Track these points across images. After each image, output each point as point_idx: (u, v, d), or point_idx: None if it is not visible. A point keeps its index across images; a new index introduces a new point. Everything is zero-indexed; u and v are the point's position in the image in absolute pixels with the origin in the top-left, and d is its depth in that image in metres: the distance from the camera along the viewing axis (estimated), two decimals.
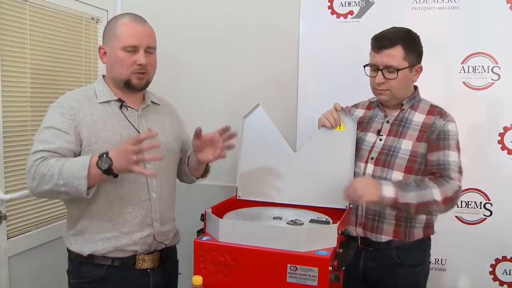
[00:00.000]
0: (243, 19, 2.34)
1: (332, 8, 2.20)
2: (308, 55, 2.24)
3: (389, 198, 1.43)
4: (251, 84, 2.35)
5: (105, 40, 1.48)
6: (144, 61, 1.43)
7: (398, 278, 1.60)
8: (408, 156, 1.55)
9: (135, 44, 1.42)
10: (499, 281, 2.09)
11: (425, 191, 1.45)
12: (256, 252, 1.24)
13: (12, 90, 1.79)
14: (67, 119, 1.37)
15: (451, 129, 1.54)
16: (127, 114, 1.47)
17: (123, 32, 1.42)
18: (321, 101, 1.82)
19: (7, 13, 1.75)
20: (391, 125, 1.62)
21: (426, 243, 1.66)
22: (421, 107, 1.61)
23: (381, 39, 1.54)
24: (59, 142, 1.34)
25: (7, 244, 1.78)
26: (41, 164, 1.29)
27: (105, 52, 1.46)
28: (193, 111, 2.44)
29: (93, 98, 1.45)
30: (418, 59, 1.57)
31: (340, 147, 1.58)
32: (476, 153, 2.06)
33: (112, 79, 1.48)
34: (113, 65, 1.45)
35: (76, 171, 1.27)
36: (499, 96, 2.03)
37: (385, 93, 1.57)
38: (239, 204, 1.62)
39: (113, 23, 1.46)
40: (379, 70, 1.54)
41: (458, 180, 1.50)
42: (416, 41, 1.57)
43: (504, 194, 2.05)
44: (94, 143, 1.39)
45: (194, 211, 1.55)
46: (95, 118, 1.41)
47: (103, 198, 1.41)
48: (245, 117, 1.65)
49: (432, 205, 1.45)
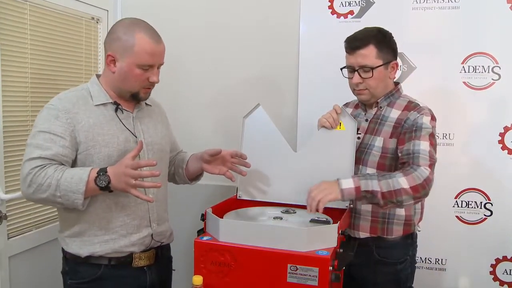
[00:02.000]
0: (243, 19, 2.34)
1: (333, 8, 2.20)
2: (308, 55, 2.24)
3: (349, 189, 1.41)
4: (251, 84, 2.35)
5: (115, 48, 1.40)
6: (158, 80, 1.45)
7: (379, 275, 1.61)
8: (380, 153, 1.57)
9: (152, 63, 1.41)
10: (499, 281, 2.09)
11: (390, 180, 1.41)
12: (256, 252, 1.24)
13: (13, 90, 1.79)
14: (63, 123, 1.35)
15: (424, 121, 1.51)
16: (122, 117, 1.46)
17: (141, 50, 1.38)
18: (321, 100, 1.82)
19: (7, 13, 1.75)
20: (369, 123, 1.64)
21: (408, 241, 1.64)
22: (398, 103, 1.61)
23: (353, 40, 1.57)
24: (55, 147, 1.33)
25: (7, 244, 1.78)
26: (39, 173, 1.28)
27: (114, 61, 1.41)
28: (193, 111, 2.45)
29: (88, 100, 1.43)
30: (392, 56, 1.59)
31: (340, 147, 1.58)
32: (476, 153, 2.06)
33: (115, 87, 1.45)
34: (124, 78, 1.41)
35: (74, 185, 1.27)
36: (500, 96, 2.03)
37: (364, 93, 1.59)
38: (239, 204, 1.62)
39: (128, 34, 1.39)
40: (355, 71, 1.56)
41: (427, 167, 1.44)
42: (387, 38, 1.58)
43: (504, 194, 2.05)
44: (92, 147, 1.37)
45: (194, 211, 1.56)
46: (92, 122, 1.39)
47: (101, 202, 1.40)
48: (245, 117, 1.65)
49: (401, 193, 1.39)
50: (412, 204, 1.51)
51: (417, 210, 1.62)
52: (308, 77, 2.24)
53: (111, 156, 1.40)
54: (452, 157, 2.07)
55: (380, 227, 1.59)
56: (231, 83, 2.38)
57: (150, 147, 1.51)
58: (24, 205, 1.86)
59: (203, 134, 2.43)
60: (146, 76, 1.42)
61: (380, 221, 1.59)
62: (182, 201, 2.18)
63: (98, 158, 1.38)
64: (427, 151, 1.47)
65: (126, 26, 1.41)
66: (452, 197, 2.11)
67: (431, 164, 1.46)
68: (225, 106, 2.40)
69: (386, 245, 1.60)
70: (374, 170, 1.56)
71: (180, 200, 2.05)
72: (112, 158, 1.39)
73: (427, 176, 1.42)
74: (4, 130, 1.74)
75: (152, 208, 1.50)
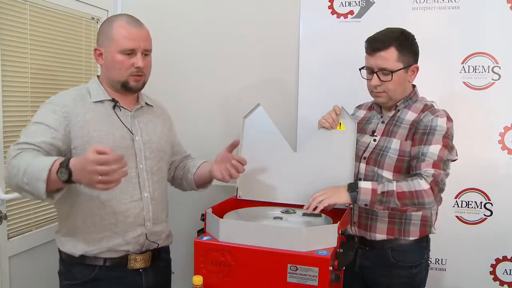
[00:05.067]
0: (243, 19, 2.34)
1: (333, 8, 2.20)
2: (308, 55, 2.24)
3: (366, 189, 1.42)
4: (252, 84, 2.35)
5: (100, 42, 1.46)
6: (142, 64, 1.44)
7: (393, 278, 1.58)
8: (397, 156, 1.54)
9: (133, 47, 1.42)
10: (499, 281, 2.09)
11: (406, 183, 1.43)
12: (256, 252, 1.24)
13: (13, 90, 1.79)
14: (59, 117, 1.36)
15: (438, 124, 1.49)
16: (120, 114, 1.46)
17: (120, 35, 1.41)
18: (321, 100, 1.83)
19: (7, 13, 1.75)
20: (386, 125, 1.62)
21: (423, 244, 1.63)
22: (416, 106, 1.59)
23: (374, 41, 1.53)
24: (44, 137, 1.31)
25: (7, 244, 1.78)
26: (16, 156, 1.25)
27: (101, 54, 1.45)
28: (193, 111, 2.45)
29: (86, 97, 1.45)
30: (413, 59, 1.55)
31: (340, 147, 1.58)
32: (476, 153, 2.06)
33: (108, 80, 1.48)
34: (109, 67, 1.45)
35: (37, 172, 1.18)
36: (500, 96, 2.03)
37: (382, 95, 1.56)
38: (239, 204, 1.62)
39: (107, 25, 1.45)
40: (374, 73, 1.53)
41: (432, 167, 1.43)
42: (410, 41, 1.54)
43: (504, 194, 2.05)
44: (87, 142, 1.37)
45: (194, 211, 1.56)
46: (88, 118, 1.40)
47: (94, 198, 1.40)
48: (245, 117, 1.65)
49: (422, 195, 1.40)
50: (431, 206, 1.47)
51: (433, 211, 1.60)
52: (308, 77, 2.24)
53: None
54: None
55: (397, 228, 1.57)
56: (231, 83, 2.38)
57: (148, 146, 1.50)
58: (24, 205, 1.86)
59: (203, 134, 2.43)
60: (130, 62, 1.42)
61: (397, 222, 1.57)
62: (182, 201, 2.17)
63: None
64: (436, 153, 1.45)
65: (107, 20, 1.49)
66: (452, 197, 2.10)
67: (436, 164, 1.43)
68: (225, 106, 2.40)
69: (402, 249, 1.58)
70: (391, 173, 1.54)
71: (180, 200, 2.05)
72: None
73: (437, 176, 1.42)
74: (4, 130, 1.74)
75: (147, 206, 1.48)
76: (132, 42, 1.42)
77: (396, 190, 1.42)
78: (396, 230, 1.57)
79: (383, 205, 1.43)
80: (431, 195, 1.41)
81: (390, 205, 1.43)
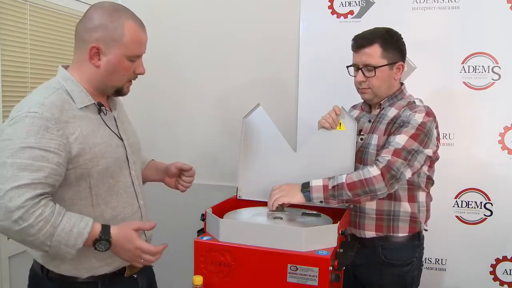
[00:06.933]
0: (243, 19, 2.34)
1: (333, 8, 2.20)
2: (308, 55, 2.24)
3: (318, 186, 1.42)
4: (251, 84, 2.35)
5: (101, 39, 1.22)
6: (145, 71, 1.32)
7: (384, 277, 1.59)
8: (375, 151, 1.56)
9: (140, 53, 1.29)
10: (499, 281, 2.09)
11: (357, 172, 1.43)
12: (256, 252, 1.24)
13: (13, 90, 1.79)
14: (56, 136, 1.13)
15: (414, 118, 1.48)
16: (106, 119, 1.29)
17: (131, 39, 1.24)
18: (321, 100, 1.83)
19: (7, 13, 1.75)
20: (372, 123, 1.64)
21: (415, 242, 1.62)
22: (399, 103, 1.60)
23: (359, 39, 1.56)
24: (48, 167, 1.09)
25: (7, 244, 1.78)
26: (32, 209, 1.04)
27: (98, 53, 1.23)
28: (193, 111, 2.45)
29: (70, 102, 1.21)
30: (398, 57, 1.57)
31: (340, 147, 1.58)
32: (476, 153, 2.06)
33: (97, 83, 1.27)
34: (111, 71, 1.25)
35: (71, 239, 1.08)
36: (500, 96, 2.03)
37: (367, 92, 1.59)
38: (239, 204, 1.62)
39: (114, 22, 1.22)
40: (359, 69, 1.56)
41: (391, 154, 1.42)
42: (395, 39, 1.57)
43: (504, 194, 2.05)
44: (89, 161, 1.20)
45: (194, 211, 1.55)
46: (85, 132, 1.20)
47: (98, 218, 1.22)
48: (245, 117, 1.65)
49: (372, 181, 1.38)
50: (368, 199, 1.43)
51: (421, 208, 1.60)
52: (308, 77, 2.24)
53: (109, 167, 1.25)
54: (452, 157, 2.06)
55: (386, 224, 1.58)
56: (231, 83, 2.38)
57: (134, 148, 1.39)
58: None
59: (203, 134, 2.43)
60: (133, 68, 1.29)
61: (385, 218, 1.58)
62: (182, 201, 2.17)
63: (96, 172, 1.22)
64: (401, 143, 1.44)
65: (109, 12, 1.23)
66: (452, 197, 2.11)
67: (396, 152, 1.42)
68: (225, 106, 2.40)
69: (393, 247, 1.59)
70: None
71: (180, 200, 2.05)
72: (109, 169, 1.26)
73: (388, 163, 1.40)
74: None
75: (144, 213, 1.41)
76: (141, 48, 1.29)
77: (346, 182, 1.40)
78: (384, 226, 1.58)
79: (336, 199, 1.41)
80: (381, 181, 1.38)
81: (343, 198, 1.41)
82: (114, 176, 1.28)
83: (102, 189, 1.25)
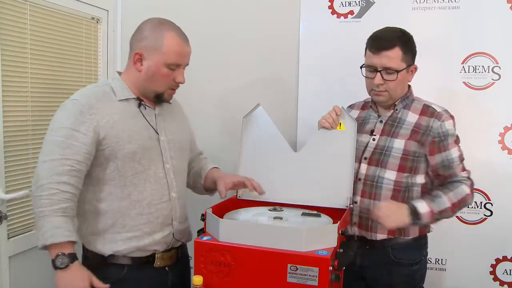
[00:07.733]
0: (243, 19, 2.34)
1: (333, 8, 2.20)
2: (308, 55, 2.24)
3: (426, 213, 1.47)
4: (251, 84, 2.35)
5: (144, 47, 1.42)
6: (184, 81, 1.46)
7: (394, 276, 1.60)
8: (401, 155, 1.55)
9: (180, 63, 1.43)
10: (499, 281, 2.09)
11: (453, 193, 1.52)
12: (256, 252, 1.24)
13: (13, 91, 1.79)
14: (87, 119, 1.34)
15: (448, 127, 1.55)
16: (145, 113, 1.46)
17: (171, 49, 1.41)
18: (321, 100, 1.83)
19: (7, 13, 1.75)
20: (384, 125, 1.62)
21: (422, 242, 1.65)
22: (414, 106, 1.61)
23: (379, 40, 1.53)
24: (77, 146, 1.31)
25: (7, 244, 1.78)
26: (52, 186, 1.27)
27: (140, 59, 1.42)
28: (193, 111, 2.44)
29: (111, 95, 1.42)
30: (412, 59, 1.58)
31: (340, 147, 1.58)
32: (476, 153, 2.05)
33: (140, 86, 1.45)
34: (150, 77, 1.43)
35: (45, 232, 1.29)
36: (500, 96, 2.03)
37: (383, 94, 1.57)
38: (239, 204, 1.62)
39: (156, 32, 1.41)
40: (377, 72, 1.53)
41: (462, 170, 1.57)
42: (411, 41, 1.57)
43: (504, 194, 2.05)
44: (116, 143, 1.37)
45: (194, 211, 1.56)
46: (116, 118, 1.38)
47: (125, 198, 1.40)
48: (245, 117, 1.65)
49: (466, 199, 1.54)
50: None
51: None
52: (308, 77, 2.24)
53: (136, 153, 1.39)
54: None
55: (399, 228, 1.57)
56: (231, 83, 2.38)
57: (172, 145, 1.51)
58: (24, 205, 1.85)
59: (203, 134, 2.42)
60: (172, 76, 1.43)
61: None
62: None
63: (122, 155, 1.38)
64: (458, 156, 1.57)
65: (155, 25, 1.44)
66: None
67: (463, 167, 1.58)
68: (225, 106, 2.40)
69: (402, 247, 1.60)
70: (394, 173, 1.56)
71: None
72: (137, 155, 1.39)
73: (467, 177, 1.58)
74: (5, 130, 1.74)
75: (175, 206, 1.50)
76: (181, 58, 1.43)
77: (450, 206, 1.50)
78: (397, 230, 1.57)
79: (438, 221, 1.54)
80: (472, 196, 1.56)
81: (444, 218, 1.54)
82: (143, 163, 1.41)
83: (129, 172, 1.39)
